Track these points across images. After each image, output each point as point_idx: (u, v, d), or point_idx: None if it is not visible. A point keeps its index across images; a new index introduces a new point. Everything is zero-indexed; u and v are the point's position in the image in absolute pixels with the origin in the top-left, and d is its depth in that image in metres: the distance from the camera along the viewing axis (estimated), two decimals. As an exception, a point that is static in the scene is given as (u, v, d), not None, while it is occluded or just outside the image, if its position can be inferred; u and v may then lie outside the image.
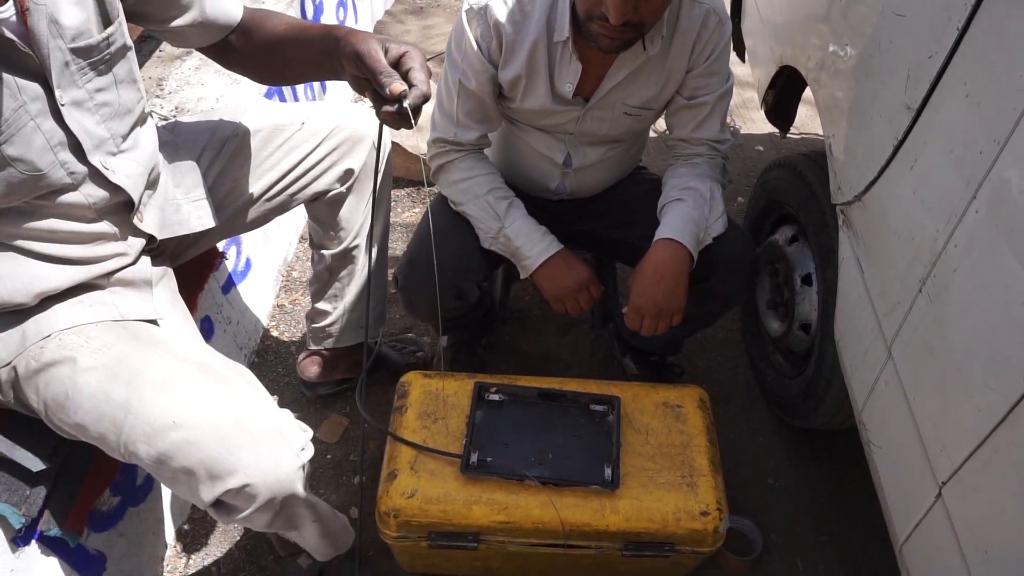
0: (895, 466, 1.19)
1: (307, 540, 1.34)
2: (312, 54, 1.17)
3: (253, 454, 1.06)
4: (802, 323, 1.72)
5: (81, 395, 1.06)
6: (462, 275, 1.47)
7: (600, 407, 1.39)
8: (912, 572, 1.14)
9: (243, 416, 1.08)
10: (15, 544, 1.16)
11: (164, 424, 1.04)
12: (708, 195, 1.41)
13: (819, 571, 1.63)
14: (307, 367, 1.81)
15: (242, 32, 1.25)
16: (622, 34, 1.19)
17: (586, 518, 1.27)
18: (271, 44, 1.23)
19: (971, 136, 0.96)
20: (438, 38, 3.33)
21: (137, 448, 1.05)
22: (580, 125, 1.42)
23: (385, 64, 1.01)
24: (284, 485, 1.09)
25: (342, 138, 1.45)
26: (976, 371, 0.93)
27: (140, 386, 1.05)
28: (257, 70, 1.30)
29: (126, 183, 1.11)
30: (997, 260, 0.89)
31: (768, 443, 1.87)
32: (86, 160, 1.05)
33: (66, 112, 0.99)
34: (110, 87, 1.06)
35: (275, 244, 2.17)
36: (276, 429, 1.10)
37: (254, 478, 1.06)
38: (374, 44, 1.03)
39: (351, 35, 1.07)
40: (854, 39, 1.34)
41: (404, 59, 1.02)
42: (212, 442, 1.04)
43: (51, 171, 1.00)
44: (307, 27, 1.21)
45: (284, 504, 1.13)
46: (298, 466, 1.11)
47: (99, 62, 1.03)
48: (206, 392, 1.08)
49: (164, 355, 1.11)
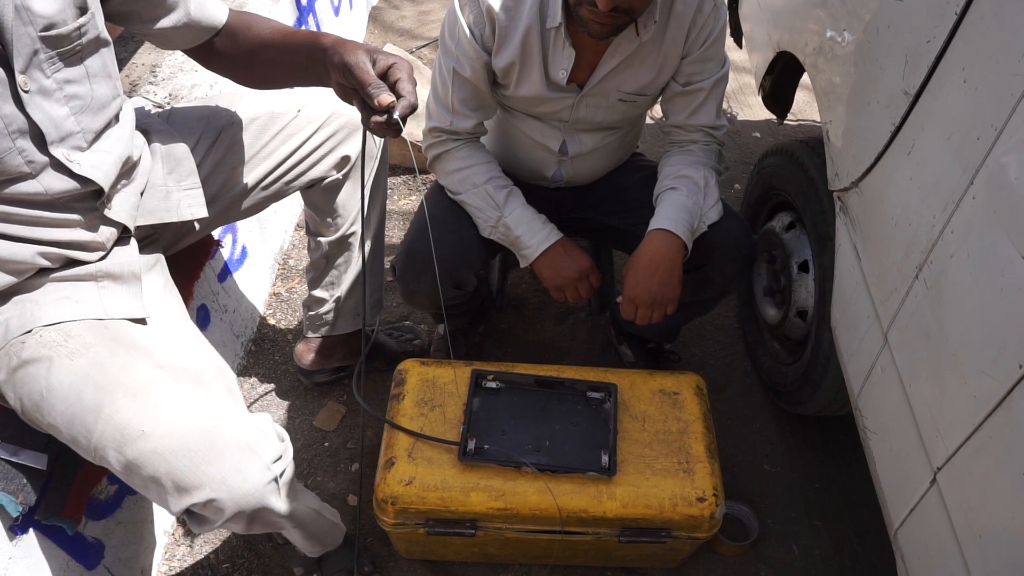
0: (890, 452, 1.20)
1: (293, 540, 1.35)
2: (297, 60, 1.18)
3: (219, 468, 1.04)
4: (799, 310, 1.72)
5: (55, 396, 1.04)
6: (460, 264, 1.47)
7: (597, 394, 1.39)
8: (907, 556, 1.15)
9: (213, 428, 1.06)
10: (13, 532, 1.16)
11: (133, 432, 1.03)
12: (703, 183, 1.41)
13: (815, 556, 1.64)
14: (304, 355, 1.81)
15: (227, 35, 1.24)
16: (612, 19, 1.18)
17: (583, 504, 1.27)
18: (255, 48, 1.23)
19: (968, 122, 0.96)
20: (433, 24, 3.30)
21: (107, 454, 1.04)
22: (575, 112, 1.42)
23: (373, 76, 1.02)
24: (252, 499, 1.07)
25: (338, 125, 1.44)
26: (972, 357, 0.93)
27: (113, 391, 1.04)
28: (241, 73, 1.29)
29: (94, 173, 1.09)
30: (994, 246, 0.89)
31: (764, 429, 1.88)
32: (47, 151, 1.03)
33: (29, 99, 0.97)
34: (82, 80, 1.04)
35: (271, 232, 2.16)
36: (245, 442, 1.08)
37: (219, 493, 1.04)
38: (362, 56, 1.04)
39: (339, 45, 1.08)
40: (852, 24, 1.34)
41: (392, 70, 1.03)
42: (179, 454, 1.03)
43: (6, 157, 0.99)
44: (293, 33, 1.21)
45: (256, 516, 1.11)
46: (267, 480, 1.09)
47: (69, 52, 1.01)
48: (178, 401, 1.07)
49: (142, 359, 1.09)
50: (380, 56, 1.04)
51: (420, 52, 3.12)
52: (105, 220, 1.15)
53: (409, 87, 1.02)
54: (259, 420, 1.16)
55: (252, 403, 1.88)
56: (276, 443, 1.14)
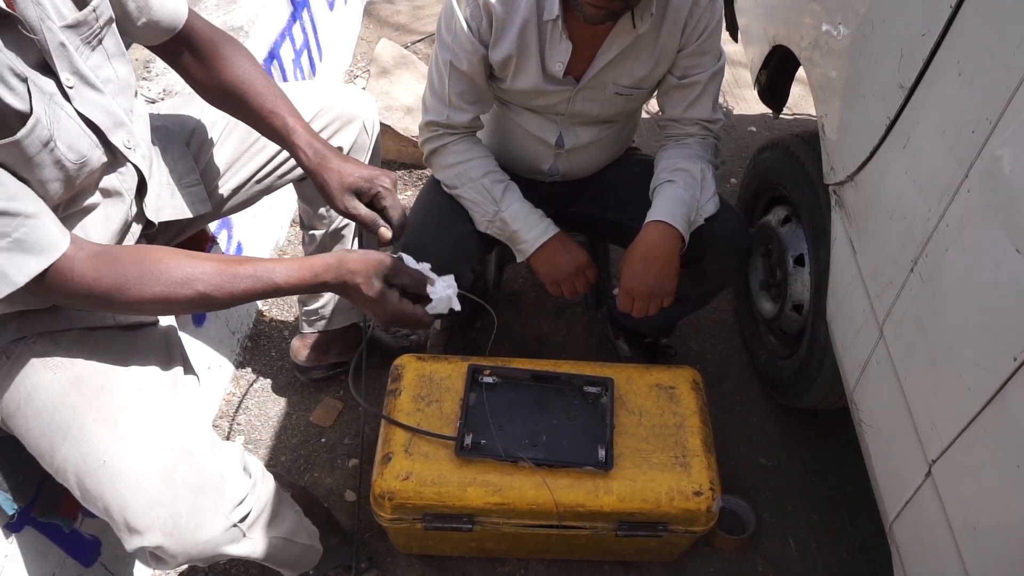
0: (886, 445, 1.20)
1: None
2: (266, 134, 1.23)
3: (171, 512, 1.00)
4: (795, 304, 1.72)
5: (30, 408, 1.03)
6: (456, 259, 1.47)
7: (594, 389, 1.39)
8: (902, 549, 1.16)
9: (174, 466, 1.02)
10: (8, 530, 1.16)
11: (95, 461, 1.00)
12: (699, 176, 1.41)
13: (811, 548, 1.65)
14: (300, 351, 1.80)
15: (195, 56, 1.21)
16: (607, 3, 1.18)
17: (580, 499, 1.28)
18: (227, 91, 1.21)
19: (963, 115, 0.96)
20: (428, 19, 3.29)
21: (67, 477, 1.02)
22: (571, 105, 1.42)
23: (366, 214, 1.16)
24: (204, 549, 1.02)
25: (331, 117, 1.43)
26: (967, 350, 0.93)
27: (84, 415, 1.02)
28: (216, 106, 1.27)
29: (142, 163, 1.09)
30: (989, 239, 0.89)
31: (761, 423, 1.88)
32: (108, 141, 1.02)
33: (75, 95, 0.96)
34: (105, 63, 1.03)
35: (267, 228, 2.16)
36: (200, 486, 1.03)
37: (168, 541, 1.00)
38: (351, 201, 1.16)
39: (323, 171, 1.16)
40: (847, 18, 1.34)
41: (377, 199, 1.17)
42: (133, 491, 1.00)
43: (91, 153, 0.98)
44: (270, 113, 1.19)
45: (214, 559, 1.07)
46: (226, 528, 1.04)
47: (91, 36, 0.99)
48: (145, 433, 1.03)
49: (122, 380, 1.06)
50: (364, 185, 1.15)
51: (415, 47, 3.11)
52: (138, 216, 1.15)
53: (396, 213, 1.17)
54: (226, 455, 1.10)
55: (248, 400, 1.88)
56: (241, 483, 1.08)
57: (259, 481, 1.13)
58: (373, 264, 1.04)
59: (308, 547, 1.32)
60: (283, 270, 1.01)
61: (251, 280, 0.99)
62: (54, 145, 0.91)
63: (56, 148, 0.92)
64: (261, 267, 1.00)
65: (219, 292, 0.98)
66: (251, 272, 0.99)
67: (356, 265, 1.03)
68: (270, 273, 1.00)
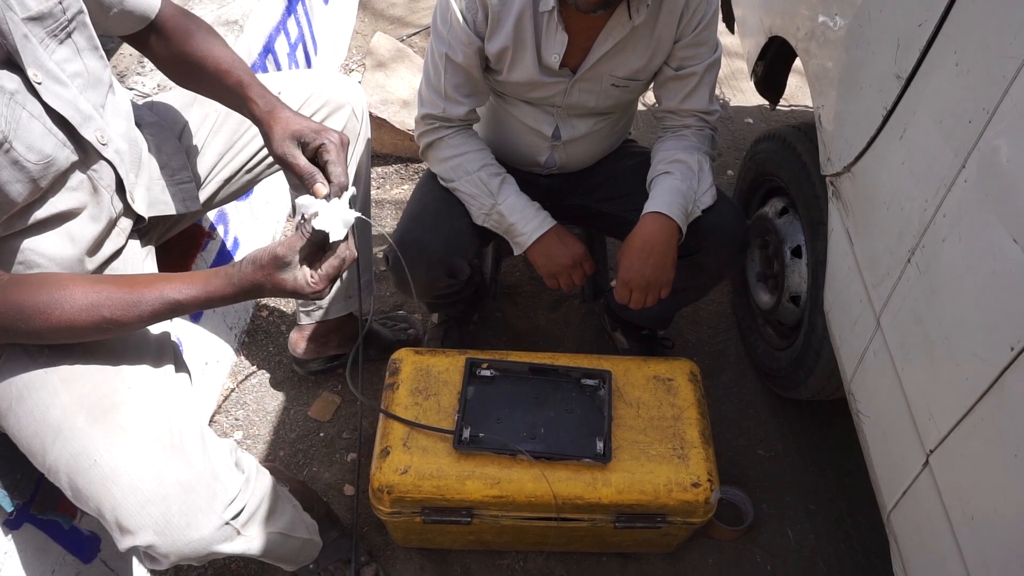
0: (883, 435, 1.20)
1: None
2: (227, 101, 1.20)
3: (162, 511, 0.99)
4: (792, 295, 1.73)
5: (22, 408, 1.03)
6: (453, 252, 1.47)
7: (591, 381, 1.39)
8: (900, 539, 1.16)
9: (165, 464, 1.02)
10: (7, 527, 1.16)
11: (85, 462, 1.00)
12: (696, 167, 1.40)
13: (809, 539, 1.65)
14: (298, 343, 1.80)
15: (163, 37, 1.20)
16: None
17: (579, 491, 1.28)
18: (189, 63, 1.19)
19: (960, 105, 0.96)
20: (424, 11, 3.28)
21: (59, 477, 1.02)
22: (568, 97, 1.41)
23: (304, 168, 1.06)
24: (195, 548, 1.02)
25: (318, 105, 1.42)
26: (964, 340, 0.93)
27: (75, 414, 1.02)
28: (172, 77, 1.26)
29: (115, 159, 1.08)
30: (985, 230, 0.89)
31: (758, 414, 1.89)
32: (78, 136, 1.01)
33: (43, 90, 0.95)
34: (74, 56, 1.01)
35: (263, 222, 2.15)
36: (192, 485, 1.02)
37: (159, 540, 0.99)
38: (290, 147, 1.07)
39: (268, 119, 1.10)
40: (844, 8, 1.33)
41: (320, 152, 1.06)
42: (125, 490, 0.99)
43: (57, 152, 0.97)
44: (225, 72, 1.17)
45: (208, 558, 1.06)
46: (218, 526, 1.03)
47: (57, 29, 0.97)
48: (136, 432, 1.03)
49: (113, 379, 1.06)
50: (309, 135, 1.07)
51: (411, 40, 3.10)
52: (126, 212, 1.14)
53: (339, 170, 1.04)
54: (218, 453, 1.10)
55: (246, 395, 1.88)
56: (233, 481, 1.08)
57: (252, 477, 1.13)
58: (268, 259, 0.97)
59: (307, 541, 1.32)
60: (187, 290, 0.98)
61: (158, 303, 0.97)
62: (9, 147, 0.90)
63: (12, 149, 0.90)
64: (167, 288, 0.98)
65: (126, 316, 0.96)
66: (157, 296, 0.97)
67: (250, 268, 0.98)
68: (174, 294, 0.98)
